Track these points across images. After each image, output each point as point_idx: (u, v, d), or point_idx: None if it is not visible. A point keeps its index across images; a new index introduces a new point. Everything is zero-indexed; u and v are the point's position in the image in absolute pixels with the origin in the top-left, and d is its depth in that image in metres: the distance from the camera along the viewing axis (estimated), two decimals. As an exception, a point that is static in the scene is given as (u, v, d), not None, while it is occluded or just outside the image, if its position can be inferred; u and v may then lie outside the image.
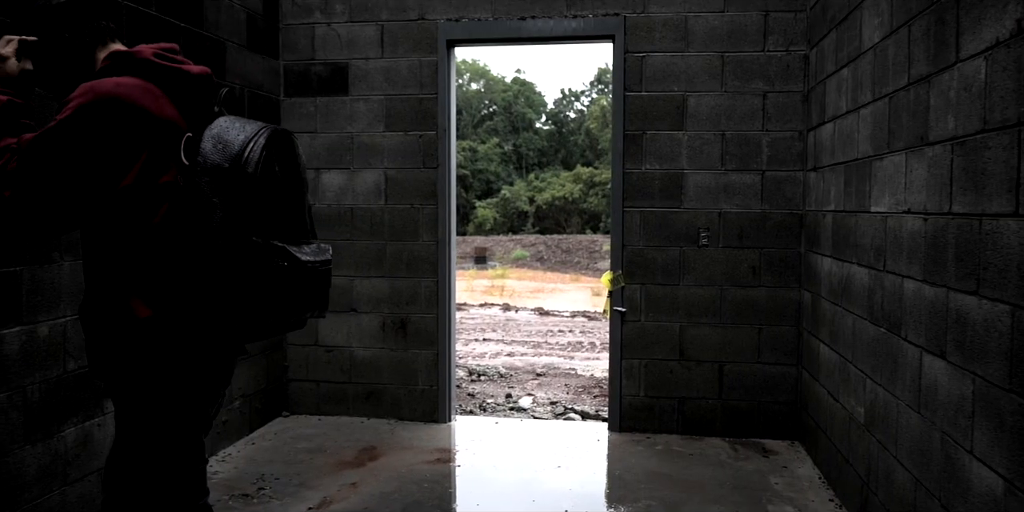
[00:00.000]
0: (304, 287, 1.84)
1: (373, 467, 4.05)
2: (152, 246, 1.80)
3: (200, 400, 1.96)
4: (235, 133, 1.81)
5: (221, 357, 1.98)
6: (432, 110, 4.81)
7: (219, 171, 1.76)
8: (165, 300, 1.81)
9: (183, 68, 1.89)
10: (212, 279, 1.75)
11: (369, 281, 4.90)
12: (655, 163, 4.61)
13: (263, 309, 1.81)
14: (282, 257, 1.78)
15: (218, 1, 4.21)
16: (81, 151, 1.72)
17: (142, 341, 1.81)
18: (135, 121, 1.76)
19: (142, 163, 1.77)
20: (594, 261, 25.68)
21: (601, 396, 6.33)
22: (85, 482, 3.23)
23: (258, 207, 1.78)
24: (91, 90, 1.74)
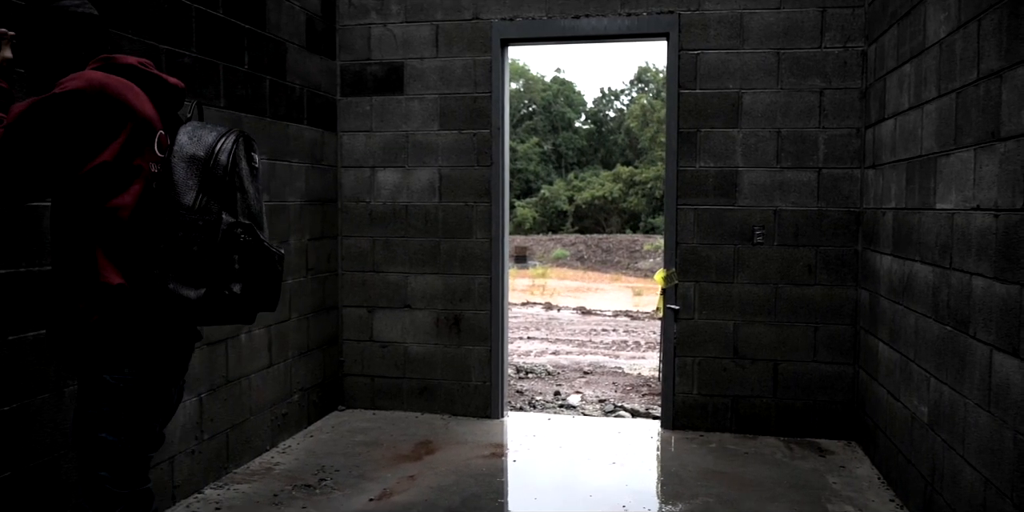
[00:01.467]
0: (260, 268, 2.03)
1: (430, 461, 4.11)
2: (125, 221, 1.95)
3: (159, 375, 2.04)
4: (208, 130, 2.05)
5: (183, 333, 2.10)
6: (486, 109, 4.85)
7: (195, 159, 1.98)
8: (136, 270, 1.96)
9: (160, 76, 2.11)
10: (185, 250, 1.92)
11: (423, 278, 4.97)
12: (709, 161, 4.61)
13: (227, 282, 1.97)
14: (245, 231, 1.99)
15: (279, 3, 4.31)
16: (62, 126, 1.87)
17: (111, 308, 1.94)
18: (117, 111, 1.94)
19: (120, 147, 1.94)
20: (634, 261, 25.56)
21: (650, 394, 6.33)
22: (157, 469, 3.33)
23: (230, 191, 1.99)
24: (84, 77, 1.92)
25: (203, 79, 3.64)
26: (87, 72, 1.95)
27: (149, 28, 3.27)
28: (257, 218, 2.09)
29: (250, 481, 3.78)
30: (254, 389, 4.09)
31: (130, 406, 1.99)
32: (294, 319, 4.49)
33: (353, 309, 5.07)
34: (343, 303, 5.08)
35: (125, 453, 2.00)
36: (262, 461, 4.07)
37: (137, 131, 1.97)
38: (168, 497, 3.42)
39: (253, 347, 4.08)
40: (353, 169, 5.04)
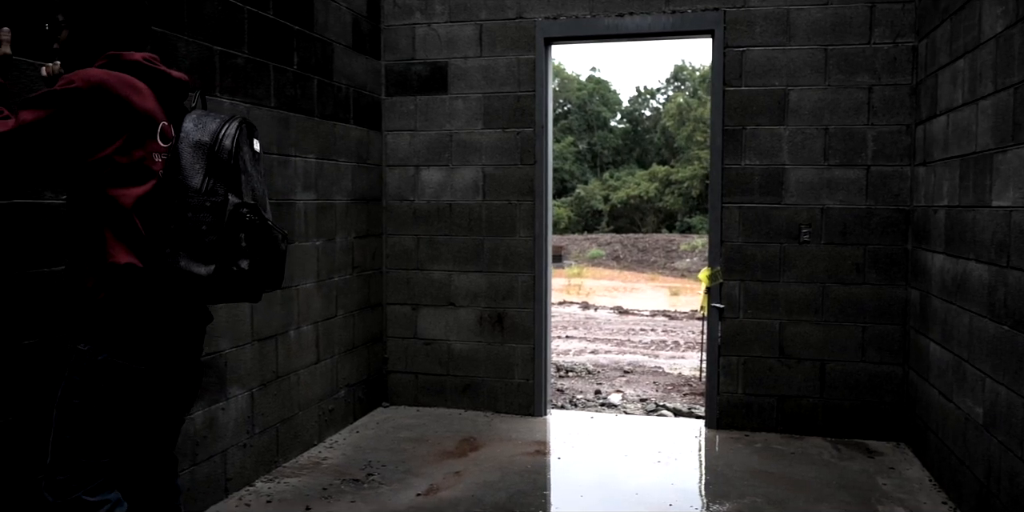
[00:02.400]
0: (267, 246, 2.12)
1: (475, 457, 4.14)
2: (128, 208, 2.03)
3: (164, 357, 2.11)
4: (211, 118, 2.15)
5: (191, 314, 2.18)
6: (529, 107, 4.87)
7: (200, 144, 2.08)
8: (147, 250, 2.03)
9: (164, 71, 2.18)
10: (195, 230, 2.01)
11: (467, 276, 5.00)
12: (755, 158, 4.57)
13: (236, 259, 2.05)
14: (250, 211, 2.07)
15: (327, 4, 4.37)
16: (60, 122, 1.95)
17: (119, 286, 2.02)
18: (116, 107, 2.01)
19: (123, 142, 2.02)
20: (671, 260, 25.40)
21: (691, 394, 6.29)
22: (211, 462, 3.41)
23: (235, 173, 2.08)
24: (82, 75, 1.99)
25: (254, 80, 3.71)
26: (87, 70, 2.02)
27: (203, 30, 3.34)
28: (261, 199, 2.18)
29: (299, 475, 3.84)
30: (302, 384, 4.15)
31: (129, 390, 2.05)
32: (340, 316, 4.55)
33: (397, 307, 5.13)
34: (387, 301, 5.13)
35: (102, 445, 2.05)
36: (310, 455, 4.13)
37: (138, 125, 2.06)
38: (221, 489, 3.49)
39: (301, 343, 4.14)
40: (398, 168, 5.09)
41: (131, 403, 2.07)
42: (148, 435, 2.25)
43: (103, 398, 2.02)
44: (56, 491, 2.01)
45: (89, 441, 2.03)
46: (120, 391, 2.04)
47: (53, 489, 2.01)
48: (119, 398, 2.04)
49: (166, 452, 2.32)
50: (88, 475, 2.03)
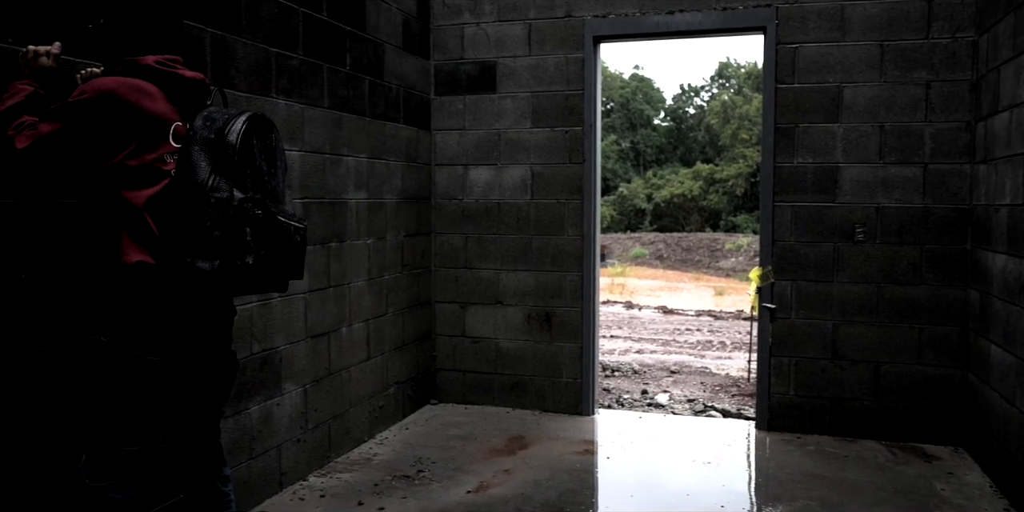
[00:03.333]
0: (277, 238, 2.15)
1: (524, 455, 4.15)
2: (141, 208, 2.10)
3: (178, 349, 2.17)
4: (221, 114, 2.16)
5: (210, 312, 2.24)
6: (578, 106, 4.86)
7: (207, 141, 2.09)
8: (160, 249, 2.10)
9: (176, 72, 2.22)
10: (199, 226, 2.05)
11: (515, 274, 5.01)
12: (808, 156, 4.50)
13: (241, 254, 2.07)
14: (256, 205, 2.09)
15: (378, 5, 4.41)
16: (76, 131, 2.05)
17: (132, 283, 2.10)
18: (127, 113, 2.09)
19: (136, 146, 2.10)
20: (715, 260, 25.14)
21: (739, 395, 6.23)
22: (266, 456, 3.47)
23: (240, 169, 2.09)
24: (94, 85, 2.08)
25: (308, 80, 3.76)
26: (99, 79, 2.12)
27: (260, 33, 3.40)
28: (272, 193, 2.21)
29: (351, 470, 3.89)
30: (353, 381, 4.21)
31: (150, 381, 2.13)
32: (390, 314, 4.60)
33: (446, 305, 5.16)
34: (436, 299, 5.17)
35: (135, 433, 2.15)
36: (361, 451, 4.18)
37: (149, 128, 2.12)
38: (276, 483, 3.55)
39: (353, 340, 4.20)
40: (446, 167, 5.12)
41: (148, 392, 2.14)
42: (179, 423, 2.33)
43: (122, 386, 2.12)
44: (92, 475, 2.13)
45: (116, 428, 2.13)
46: (136, 380, 2.12)
47: (90, 473, 2.13)
48: (136, 387, 2.12)
49: (205, 440, 2.38)
50: (117, 462, 2.13)
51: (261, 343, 3.42)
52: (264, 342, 3.44)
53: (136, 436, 2.15)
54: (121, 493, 2.14)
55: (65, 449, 2.40)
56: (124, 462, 2.14)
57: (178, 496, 2.68)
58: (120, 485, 2.14)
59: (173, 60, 2.25)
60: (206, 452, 2.39)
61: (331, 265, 3.98)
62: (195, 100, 2.26)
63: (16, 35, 2.29)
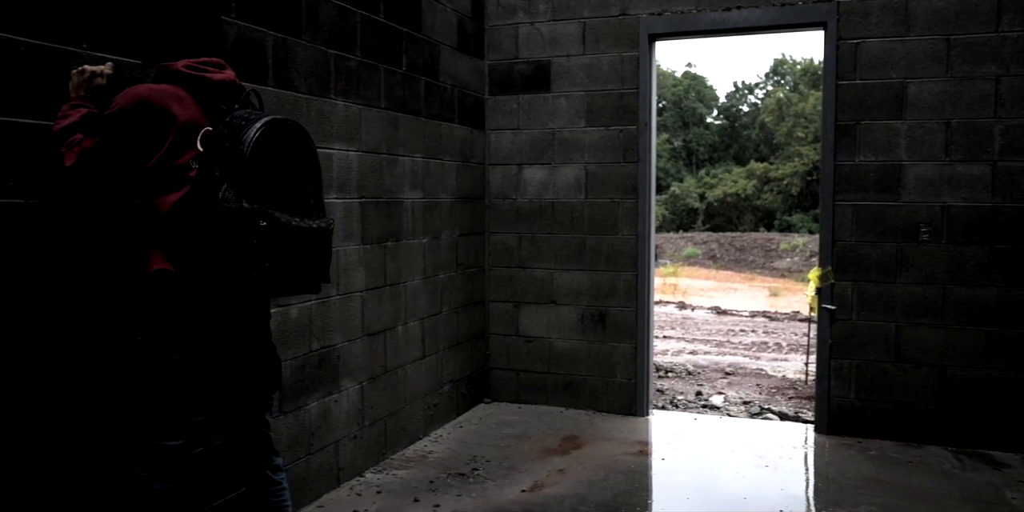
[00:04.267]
0: (289, 248, 2.12)
1: (577, 455, 4.14)
2: (171, 215, 2.14)
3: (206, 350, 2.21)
4: (241, 120, 2.13)
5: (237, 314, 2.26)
6: (633, 105, 4.83)
7: (222, 149, 2.09)
8: (181, 259, 2.14)
9: (205, 76, 2.23)
10: (211, 239, 2.07)
11: (568, 274, 5.00)
12: (870, 154, 4.40)
13: (253, 264, 2.06)
14: (263, 217, 2.06)
15: (433, 6, 4.45)
16: (116, 141, 2.12)
17: (155, 290, 2.17)
18: (159, 120, 2.13)
19: (164, 150, 2.14)
20: (770, 260, 24.70)
21: (796, 398, 6.11)
22: (324, 452, 3.53)
23: (250, 180, 2.06)
24: (129, 94, 2.14)
25: (366, 82, 3.81)
26: (133, 88, 2.16)
27: (319, 35, 3.46)
28: (289, 201, 2.16)
29: (407, 467, 3.93)
30: (409, 379, 4.25)
31: (183, 380, 2.18)
32: (445, 313, 4.63)
33: (499, 304, 5.18)
34: (490, 298, 5.19)
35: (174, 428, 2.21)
36: (416, 449, 4.22)
37: (180, 134, 2.15)
38: (333, 478, 3.61)
39: (408, 339, 4.24)
40: (500, 166, 5.14)
41: (179, 390, 2.19)
42: (224, 419, 2.38)
43: (154, 384, 2.19)
44: (139, 465, 2.20)
45: (153, 423, 2.20)
46: (165, 378, 2.18)
47: (140, 465, 2.20)
48: (166, 385, 2.18)
49: (252, 433, 2.42)
50: (156, 455, 2.19)
51: (320, 341, 3.48)
52: (322, 340, 3.50)
53: (172, 431, 2.20)
54: (161, 484, 2.20)
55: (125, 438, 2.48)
56: (163, 455, 2.20)
57: (240, 489, 2.74)
58: (159, 476, 2.20)
59: (205, 63, 2.26)
60: (254, 444, 2.43)
61: (387, 264, 4.02)
62: (225, 103, 2.27)
63: (89, 41, 2.37)
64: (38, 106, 2.21)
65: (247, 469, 2.43)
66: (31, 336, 2.19)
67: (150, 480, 2.19)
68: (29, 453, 2.18)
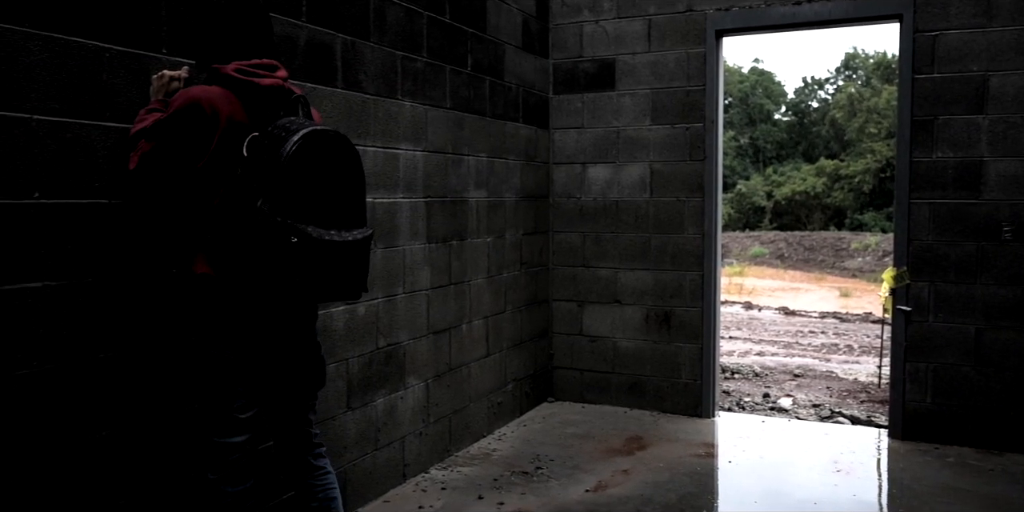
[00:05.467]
0: (322, 262, 2.13)
1: (642, 456, 4.11)
2: (211, 219, 2.18)
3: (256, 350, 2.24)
4: (280, 131, 2.13)
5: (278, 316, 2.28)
6: (699, 102, 4.76)
7: (260, 160, 2.10)
8: (221, 264, 2.18)
9: (253, 81, 2.21)
10: (245, 248, 2.11)
11: (633, 273, 4.96)
12: (948, 151, 4.24)
13: (286, 276, 2.10)
14: (294, 233, 2.06)
15: (499, 6, 4.46)
16: (173, 143, 2.15)
17: (199, 292, 2.22)
18: (209, 123, 2.14)
19: (211, 153, 2.15)
20: (840, 259, 24.05)
21: (869, 401, 5.94)
22: (391, 448, 3.58)
23: (285, 192, 2.07)
24: (184, 95, 2.16)
25: (432, 82, 3.85)
26: (187, 89, 2.18)
27: (387, 37, 3.51)
28: (322, 214, 2.14)
29: (471, 464, 3.96)
30: (473, 377, 4.28)
31: (231, 377, 2.22)
32: (508, 311, 4.65)
33: (563, 303, 5.17)
34: (553, 297, 5.19)
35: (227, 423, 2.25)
36: (480, 447, 4.25)
37: (226, 137, 2.16)
38: (399, 474, 3.66)
39: (472, 337, 4.27)
40: (564, 165, 5.13)
41: (230, 386, 2.23)
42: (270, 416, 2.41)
43: (208, 381, 2.24)
44: (210, 467, 2.24)
45: (215, 421, 2.25)
46: (217, 375, 2.22)
47: (208, 466, 2.25)
48: (219, 381, 2.22)
49: (296, 430, 2.45)
50: (221, 454, 2.23)
51: (386, 338, 3.53)
52: (389, 337, 3.55)
53: (232, 427, 2.24)
54: (233, 486, 2.23)
55: (210, 434, 2.56)
56: (228, 453, 2.23)
57: (289, 493, 2.78)
58: (230, 479, 2.23)
59: (256, 66, 2.25)
60: (299, 442, 2.47)
61: (452, 263, 4.06)
62: (272, 109, 2.25)
63: (168, 46, 2.45)
64: (121, 110, 2.30)
65: (292, 463, 2.47)
66: (112, 331, 2.28)
67: (222, 483, 2.22)
68: (112, 444, 2.27)
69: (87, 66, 2.20)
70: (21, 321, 2.04)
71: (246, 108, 2.19)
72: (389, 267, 3.54)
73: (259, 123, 2.19)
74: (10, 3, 1.99)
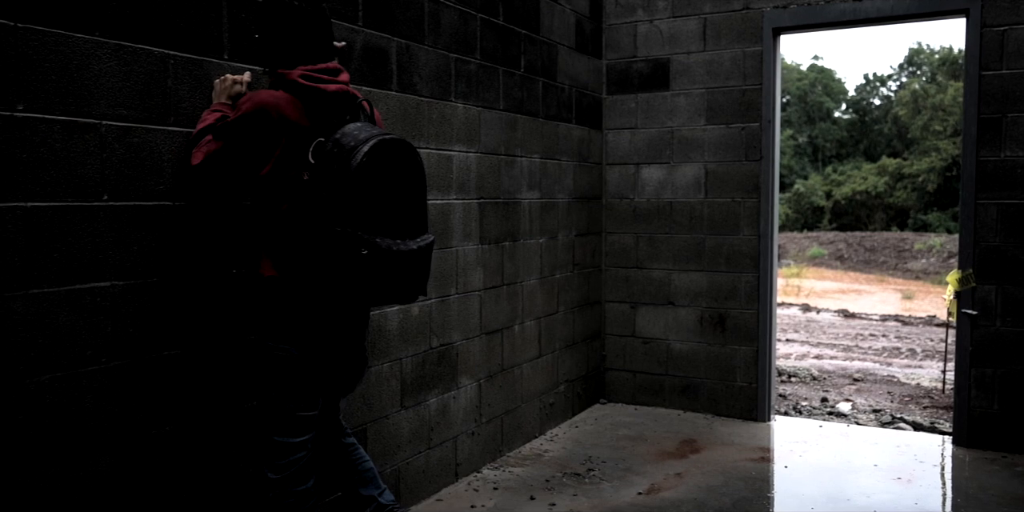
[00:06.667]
0: (388, 271, 2.16)
1: (695, 459, 4.06)
2: (279, 224, 2.22)
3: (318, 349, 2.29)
4: (348, 140, 2.13)
5: (339, 318, 2.33)
6: (755, 102, 4.69)
7: (330, 170, 2.11)
8: (286, 267, 2.22)
9: (319, 87, 2.23)
10: (312, 256, 2.15)
11: (687, 275, 4.91)
12: (1017, 149, 4.10)
13: (352, 283, 2.14)
14: (365, 246, 2.09)
15: (552, 7, 4.47)
16: (239, 146, 2.20)
17: (266, 294, 2.26)
18: (275, 125, 2.17)
19: (276, 158, 2.19)
20: (903, 261, 23.40)
21: (932, 407, 5.77)
22: (443, 447, 3.62)
23: (355, 201, 2.10)
24: (252, 100, 2.19)
25: (485, 84, 3.87)
26: (256, 93, 2.21)
27: (441, 40, 3.54)
28: (390, 223, 2.18)
29: (523, 465, 3.97)
30: (525, 378, 4.29)
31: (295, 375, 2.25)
32: (561, 312, 4.65)
33: (615, 304, 5.14)
34: (606, 298, 5.17)
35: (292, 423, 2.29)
36: (532, 447, 4.25)
37: (292, 143, 2.19)
38: (452, 473, 3.69)
39: (525, 338, 4.28)
40: (617, 166, 5.10)
41: (296, 383, 2.27)
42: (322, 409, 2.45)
43: (275, 380, 2.26)
44: (271, 467, 2.28)
45: (279, 420, 2.28)
46: (278, 374, 2.26)
47: (269, 466, 2.29)
48: (286, 378, 2.26)
49: (332, 422, 2.53)
50: (282, 452, 2.27)
51: (439, 338, 3.57)
52: (442, 337, 3.58)
53: (293, 427, 2.28)
54: (296, 485, 2.27)
55: (268, 431, 2.62)
56: (289, 453, 2.27)
57: (337, 493, 2.83)
58: (293, 478, 2.27)
59: (321, 71, 2.27)
60: (332, 427, 2.54)
61: (504, 264, 4.07)
62: (336, 115, 2.27)
63: (229, 52, 2.52)
64: (185, 115, 2.37)
65: (328, 446, 2.53)
66: (175, 329, 2.35)
67: (284, 482, 2.27)
68: (175, 438, 2.34)
69: (153, 73, 2.27)
70: (90, 319, 2.11)
71: (311, 113, 2.22)
72: (442, 268, 3.58)
73: (324, 128, 2.22)
74: (82, 13, 2.07)
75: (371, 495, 2.54)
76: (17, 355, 1.95)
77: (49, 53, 2.00)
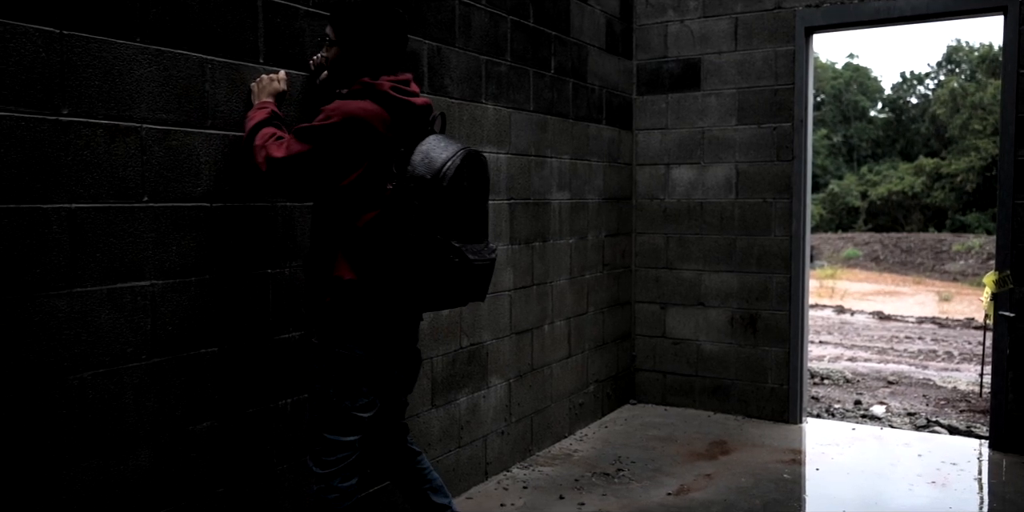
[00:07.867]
0: (467, 279, 2.25)
1: (726, 461, 4.05)
2: (364, 231, 2.24)
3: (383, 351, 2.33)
4: (438, 152, 2.21)
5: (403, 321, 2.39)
6: (787, 101, 4.66)
7: (422, 181, 2.17)
8: (366, 271, 2.25)
9: (411, 100, 2.28)
10: (402, 262, 2.21)
11: (718, 275, 4.89)
12: (1057, 148, 4.03)
13: (434, 289, 2.25)
14: (455, 254, 2.19)
15: (582, 8, 4.48)
16: (322, 152, 2.20)
17: (342, 297, 2.27)
18: (367, 138, 2.20)
19: (364, 169, 2.22)
20: (940, 262, 23.00)
21: (969, 411, 5.68)
22: (473, 446, 3.65)
23: (446, 212, 2.19)
24: (341, 110, 2.19)
25: (515, 85, 3.90)
26: (344, 104, 2.21)
27: (471, 42, 3.57)
28: (472, 233, 2.28)
29: (552, 464, 3.99)
30: (555, 378, 4.31)
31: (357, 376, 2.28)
32: (591, 313, 4.66)
33: (645, 305, 5.14)
34: (636, 299, 5.17)
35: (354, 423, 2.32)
36: (561, 447, 4.27)
37: (379, 154, 2.22)
38: (481, 472, 3.72)
39: (555, 337, 4.29)
40: (648, 167, 5.10)
41: (358, 384, 2.30)
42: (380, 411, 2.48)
43: (336, 380, 2.29)
44: (317, 462, 2.30)
45: (334, 418, 2.29)
46: (346, 373, 2.28)
47: (315, 460, 2.31)
48: (347, 379, 2.29)
49: (396, 422, 2.57)
50: (336, 451, 2.29)
51: (469, 337, 3.60)
52: (472, 337, 3.61)
53: (349, 426, 2.30)
54: (341, 482, 2.30)
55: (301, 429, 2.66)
56: (339, 451, 2.30)
57: (383, 482, 2.86)
58: (338, 474, 2.30)
59: (404, 82, 2.31)
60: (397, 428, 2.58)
61: (534, 264, 4.09)
62: (418, 127, 2.32)
63: (264, 56, 2.57)
64: (222, 118, 2.43)
65: (393, 449, 2.57)
66: (214, 327, 2.41)
67: (330, 479, 2.29)
68: (212, 434, 2.40)
69: (191, 77, 2.33)
70: (130, 317, 2.18)
71: (395, 125, 2.26)
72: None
73: (406, 139, 2.27)
74: (123, 20, 2.13)
75: (444, 504, 2.60)
76: (61, 352, 2.01)
77: (92, 59, 2.07)
